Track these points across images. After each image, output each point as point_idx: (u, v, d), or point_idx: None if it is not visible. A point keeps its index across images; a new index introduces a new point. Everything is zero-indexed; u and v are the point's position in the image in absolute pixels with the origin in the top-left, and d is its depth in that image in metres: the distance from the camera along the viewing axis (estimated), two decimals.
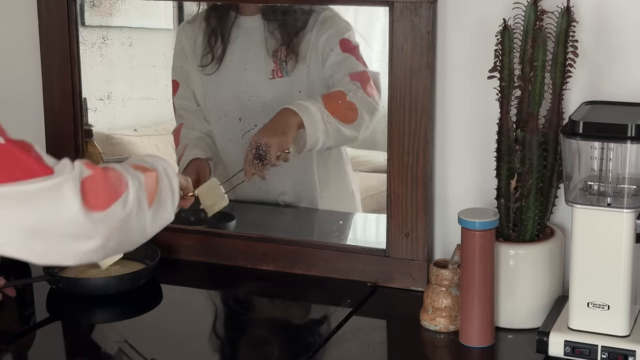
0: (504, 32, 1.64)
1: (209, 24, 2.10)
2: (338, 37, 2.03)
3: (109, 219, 1.30)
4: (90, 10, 2.18)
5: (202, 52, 2.11)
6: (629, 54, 1.71)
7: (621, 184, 1.55)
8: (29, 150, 1.28)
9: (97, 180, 1.30)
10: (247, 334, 1.77)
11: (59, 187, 1.26)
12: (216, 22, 2.10)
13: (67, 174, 1.27)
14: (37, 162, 1.27)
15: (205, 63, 2.11)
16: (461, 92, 1.83)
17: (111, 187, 1.32)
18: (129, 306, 1.87)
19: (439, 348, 1.70)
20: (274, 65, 2.06)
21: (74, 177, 1.27)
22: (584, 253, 1.54)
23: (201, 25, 2.12)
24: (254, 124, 2.09)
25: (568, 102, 1.71)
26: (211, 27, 2.10)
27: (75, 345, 1.74)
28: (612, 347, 1.53)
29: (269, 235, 2.02)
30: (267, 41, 2.06)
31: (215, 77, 2.12)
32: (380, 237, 1.91)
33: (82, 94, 2.13)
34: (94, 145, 2.19)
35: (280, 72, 2.06)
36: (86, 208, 1.27)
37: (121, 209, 1.32)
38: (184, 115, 2.18)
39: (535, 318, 1.67)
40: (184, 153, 2.14)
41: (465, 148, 1.85)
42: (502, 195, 1.70)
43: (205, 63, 2.11)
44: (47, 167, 1.27)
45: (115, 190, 1.32)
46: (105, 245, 1.32)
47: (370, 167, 2.13)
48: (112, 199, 1.31)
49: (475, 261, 1.60)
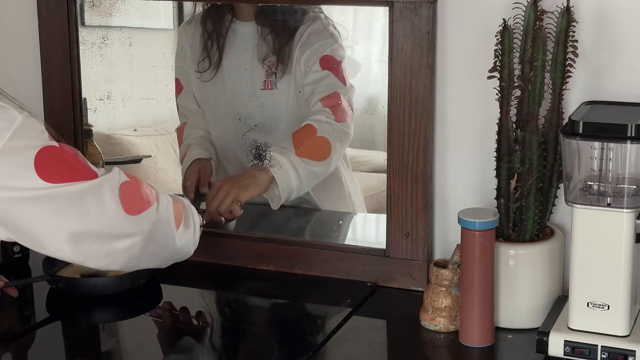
0: (504, 32, 1.64)
1: (206, 27, 2.10)
2: (320, 53, 2.01)
3: (143, 221, 1.47)
4: (90, 10, 2.18)
5: (200, 57, 2.11)
6: (629, 53, 1.70)
7: (621, 184, 1.55)
8: (77, 155, 1.42)
9: (134, 186, 1.47)
10: (247, 334, 1.77)
11: (99, 187, 1.41)
12: (212, 26, 2.10)
13: (108, 177, 1.44)
14: (85, 166, 1.42)
15: (203, 69, 2.10)
16: (461, 92, 1.83)
17: (145, 194, 1.48)
18: (129, 306, 1.87)
19: (439, 348, 1.70)
20: (265, 76, 2.05)
21: (113, 179, 1.44)
22: (584, 253, 1.54)
23: (197, 28, 2.11)
24: (253, 124, 2.09)
25: (568, 102, 1.71)
26: (208, 31, 2.10)
27: (75, 345, 1.74)
28: (612, 347, 1.53)
29: (269, 235, 2.03)
30: (259, 48, 2.05)
31: (213, 80, 2.11)
32: (380, 237, 1.91)
33: (82, 94, 2.13)
34: (94, 145, 2.19)
35: (270, 84, 2.06)
36: (123, 209, 1.43)
37: (154, 213, 1.49)
38: (187, 114, 2.18)
39: (535, 318, 1.67)
40: (187, 152, 2.15)
41: (465, 148, 1.85)
42: (502, 195, 1.70)
43: (202, 69, 2.10)
44: (93, 171, 1.43)
45: (148, 198, 1.49)
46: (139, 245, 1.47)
47: (370, 167, 2.13)
48: (146, 204, 1.48)
49: (475, 261, 1.60)
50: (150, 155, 2.28)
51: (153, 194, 1.50)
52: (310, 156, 1.98)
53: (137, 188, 1.47)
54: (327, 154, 2.00)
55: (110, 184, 1.43)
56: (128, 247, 1.47)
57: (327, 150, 1.99)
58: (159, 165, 2.28)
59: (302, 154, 1.97)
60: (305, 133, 1.99)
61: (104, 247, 1.45)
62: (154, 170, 2.29)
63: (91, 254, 1.45)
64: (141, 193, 1.48)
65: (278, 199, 1.99)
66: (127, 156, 2.28)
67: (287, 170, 1.96)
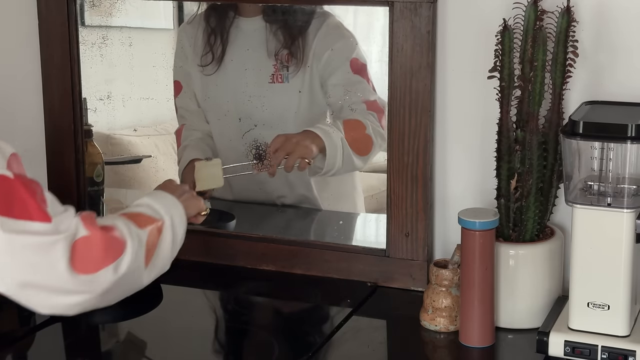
0: (504, 32, 1.64)
1: (209, 23, 2.11)
2: (347, 54, 2.03)
3: (97, 281, 1.31)
4: (90, 10, 2.18)
5: (202, 51, 2.11)
6: (629, 53, 1.70)
7: (621, 184, 1.55)
8: (35, 192, 1.28)
9: (91, 242, 1.30)
10: (247, 334, 1.77)
11: (50, 245, 1.27)
12: (215, 22, 2.10)
13: (62, 233, 1.28)
14: (39, 206, 1.27)
15: (206, 63, 2.11)
16: (461, 92, 1.83)
17: (104, 251, 1.31)
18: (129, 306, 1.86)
19: (439, 348, 1.70)
20: (273, 69, 2.06)
21: (67, 236, 1.28)
22: (584, 253, 1.54)
23: (201, 25, 2.12)
24: (253, 124, 2.09)
25: (568, 102, 1.71)
26: (211, 27, 2.10)
27: (75, 346, 1.74)
28: (612, 347, 1.53)
29: (269, 235, 2.02)
30: (269, 43, 2.05)
31: (215, 77, 2.12)
32: (380, 237, 1.91)
33: (82, 94, 2.12)
34: (93, 145, 2.19)
35: (280, 78, 2.05)
36: (73, 269, 1.28)
37: (112, 274, 1.32)
38: (185, 115, 2.18)
39: (535, 318, 1.67)
40: (183, 155, 2.15)
41: (465, 148, 1.85)
42: (502, 195, 1.70)
43: (205, 63, 2.11)
44: (47, 215, 1.27)
45: (109, 255, 1.32)
46: (90, 301, 1.33)
47: (370, 167, 2.13)
48: (103, 263, 1.31)
49: (475, 261, 1.60)
50: (150, 155, 2.28)
51: (120, 245, 1.33)
52: (354, 147, 2.01)
53: (95, 244, 1.30)
54: (368, 152, 2.03)
55: (64, 241, 1.27)
56: (79, 302, 1.32)
57: (368, 148, 2.02)
58: (159, 165, 2.28)
59: (349, 140, 2.00)
60: (355, 125, 2.01)
61: (51, 300, 1.31)
62: (154, 170, 2.29)
63: (36, 303, 1.31)
64: (100, 249, 1.30)
65: (319, 168, 2.01)
66: (127, 156, 2.28)
67: (336, 144, 1.98)
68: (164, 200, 1.50)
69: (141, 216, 1.42)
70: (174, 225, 1.47)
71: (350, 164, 2.03)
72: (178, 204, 1.51)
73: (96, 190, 2.21)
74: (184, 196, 1.56)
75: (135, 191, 2.34)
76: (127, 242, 1.34)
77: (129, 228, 1.36)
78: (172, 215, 1.47)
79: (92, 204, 2.19)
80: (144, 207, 1.45)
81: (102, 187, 2.22)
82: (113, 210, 2.29)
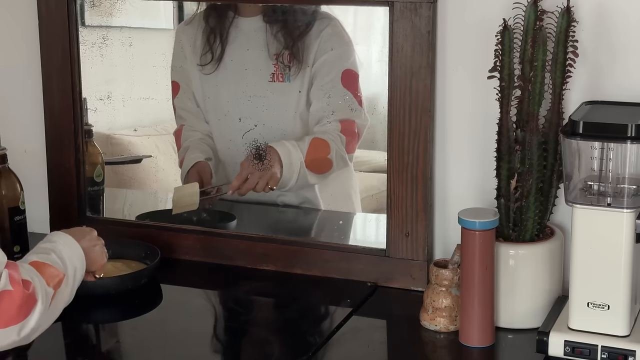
0: (504, 32, 1.64)
1: (208, 23, 2.11)
2: (343, 62, 2.04)
3: (4, 335, 1.37)
4: (90, 10, 2.18)
5: (202, 50, 2.11)
6: (629, 53, 1.70)
7: (621, 184, 1.55)
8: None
9: (12, 298, 1.36)
10: (247, 334, 1.77)
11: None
12: (215, 22, 2.10)
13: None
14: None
15: (205, 62, 2.11)
16: (461, 92, 1.83)
17: (18, 309, 1.37)
18: (129, 306, 1.87)
19: (439, 348, 1.70)
20: (274, 68, 2.06)
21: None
22: (584, 253, 1.54)
23: (200, 24, 2.12)
24: (253, 124, 2.09)
25: (568, 102, 1.71)
26: (210, 26, 2.10)
27: (75, 346, 1.74)
28: (612, 347, 1.53)
29: (269, 235, 2.03)
30: (269, 44, 2.05)
31: (214, 77, 2.12)
32: (380, 237, 1.91)
33: (82, 93, 2.12)
34: (94, 145, 2.20)
35: (281, 77, 2.06)
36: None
37: (15, 334, 1.38)
38: (185, 116, 2.18)
39: (535, 318, 1.67)
40: (185, 156, 2.15)
41: (465, 148, 1.85)
42: (502, 195, 1.70)
43: (204, 62, 2.11)
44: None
45: (20, 314, 1.38)
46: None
47: (370, 167, 2.13)
48: (13, 320, 1.37)
49: (475, 261, 1.60)
50: (151, 155, 2.28)
51: (32, 304, 1.39)
52: (312, 167, 2.07)
53: (14, 302, 1.36)
54: (324, 172, 2.10)
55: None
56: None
57: (325, 170, 2.10)
58: (159, 165, 2.28)
59: (309, 159, 2.06)
60: (321, 146, 2.07)
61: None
62: (154, 170, 2.29)
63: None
64: (16, 306, 1.37)
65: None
66: (127, 156, 2.28)
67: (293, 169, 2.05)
68: (73, 249, 1.56)
69: (49, 268, 1.48)
70: (75, 278, 1.54)
71: (305, 182, 2.09)
72: (82, 257, 1.58)
73: (96, 190, 2.21)
74: (94, 249, 1.64)
75: (135, 191, 2.34)
76: (38, 300, 1.40)
77: (42, 286, 1.42)
78: (75, 268, 1.54)
79: (92, 204, 2.19)
80: (54, 254, 1.51)
81: (102, 187, 2.22)
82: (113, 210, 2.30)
